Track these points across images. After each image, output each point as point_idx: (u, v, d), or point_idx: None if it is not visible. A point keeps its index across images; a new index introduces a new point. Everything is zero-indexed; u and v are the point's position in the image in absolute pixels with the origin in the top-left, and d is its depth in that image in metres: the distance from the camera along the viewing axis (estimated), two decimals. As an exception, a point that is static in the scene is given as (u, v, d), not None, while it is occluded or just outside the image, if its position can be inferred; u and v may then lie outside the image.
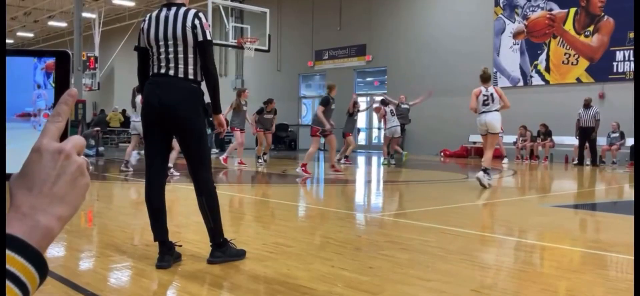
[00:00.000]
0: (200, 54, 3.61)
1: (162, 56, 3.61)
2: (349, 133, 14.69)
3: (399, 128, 14.09)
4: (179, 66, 3.59)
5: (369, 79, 24.70)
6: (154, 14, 3.68)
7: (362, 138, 24.17)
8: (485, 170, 8.69)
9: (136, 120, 10.54)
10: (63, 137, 0.66)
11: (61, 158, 0.64)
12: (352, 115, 14.73)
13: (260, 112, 13.85)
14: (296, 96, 26.16)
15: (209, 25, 3.65)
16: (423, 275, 3.55)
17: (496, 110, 8.85)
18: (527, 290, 3.36)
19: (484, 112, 8.85)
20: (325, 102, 11.08)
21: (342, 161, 14.50)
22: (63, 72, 0.69)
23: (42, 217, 0.62)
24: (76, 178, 0.65)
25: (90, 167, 0.68)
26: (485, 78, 8.93)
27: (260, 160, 13.63)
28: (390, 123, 13.94)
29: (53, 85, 0.69)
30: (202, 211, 3.67)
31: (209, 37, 3.61)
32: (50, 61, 0.69)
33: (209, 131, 13.40)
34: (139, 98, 10.65)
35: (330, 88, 11.44)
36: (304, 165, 10.89)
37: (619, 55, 16.88)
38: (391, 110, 14.09)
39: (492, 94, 8.86)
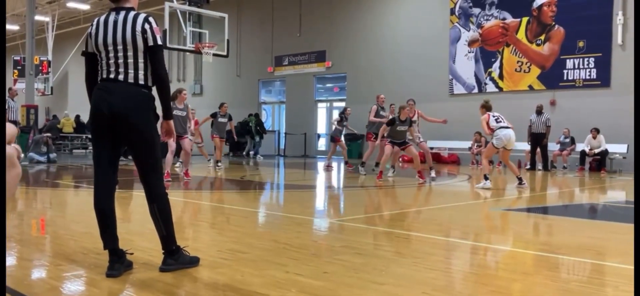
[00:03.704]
0: (151, 59, 3.55)
1: (112, 61, 3.54)
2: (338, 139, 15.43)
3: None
4: (129, 71, 3.52)
5: (328, 85, 24.80)
6: (102, 18, 3.60)
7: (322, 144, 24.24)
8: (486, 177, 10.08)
9: None
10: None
11: None
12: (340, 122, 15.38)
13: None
14: (256, 102, 26.03)
15: (159, 30, 3.60)
16: (376, 278, 3.58)
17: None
18: (478, 292, 3.42)
19: (506, 127, 10.04)
20: (391, 123, 11.77)
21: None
22: None
23: None
24: (7, 169, 0.63)
25: (22, 155, 0.66)
26: (489, 108, 10.37)
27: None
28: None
29: None
30: (154, 218, 3.61)
31: (159, 42, 3.56)
32: None
33: None
34: None
35: (401, 109, 12.09)
36: (420, 173, 11.53)
37: (570, 63, 17.43)
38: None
39: (500, 115, 10.25)
